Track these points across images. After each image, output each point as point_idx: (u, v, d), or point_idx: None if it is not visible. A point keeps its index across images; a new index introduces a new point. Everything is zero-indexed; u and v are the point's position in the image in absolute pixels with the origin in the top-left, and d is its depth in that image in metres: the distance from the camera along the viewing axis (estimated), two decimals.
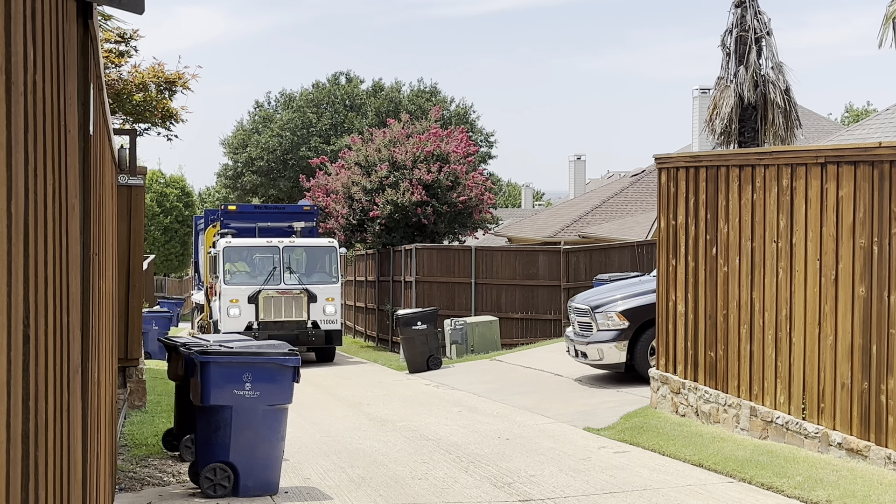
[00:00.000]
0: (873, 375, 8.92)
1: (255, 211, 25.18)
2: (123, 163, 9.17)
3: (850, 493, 7.76)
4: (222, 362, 8.07)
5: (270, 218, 24.57)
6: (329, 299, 22.14)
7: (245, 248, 22.54)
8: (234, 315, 21.40)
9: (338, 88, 61.05)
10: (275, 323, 21.54)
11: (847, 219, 9.29)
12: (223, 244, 22.12)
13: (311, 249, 22.92)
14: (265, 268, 22.29)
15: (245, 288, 21.70)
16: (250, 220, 24.26)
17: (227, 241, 22.20)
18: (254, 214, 24.78)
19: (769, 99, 22.61)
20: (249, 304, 21.59)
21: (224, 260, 21.90)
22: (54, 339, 2.84)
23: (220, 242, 22.34)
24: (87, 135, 3.98)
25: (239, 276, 22.22)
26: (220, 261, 21.89)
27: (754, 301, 10.59)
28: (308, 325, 21.88)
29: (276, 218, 24.63)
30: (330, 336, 22.21)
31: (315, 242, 23.23)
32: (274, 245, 22.24)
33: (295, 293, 21.79)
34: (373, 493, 8.36)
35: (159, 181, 44.95)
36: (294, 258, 22.50)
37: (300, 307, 21.78)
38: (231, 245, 22.17)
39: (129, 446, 10.01)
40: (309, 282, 22.16)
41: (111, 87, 14.19)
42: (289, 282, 22.00)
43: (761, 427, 10.43)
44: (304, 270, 22.50)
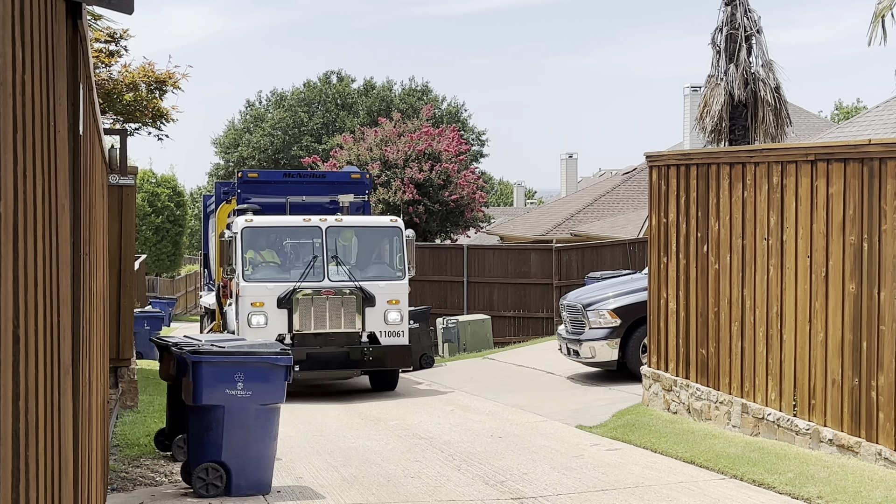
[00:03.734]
0: (864, 372, 8.95)
1: (284, 180, 17.85)
2: (114, 163, 9.16)
3: (841, 489, 7.79)
4: (214, 362, 8.06)
5: (305, 189, 17.23)
6: (392, 302, 15.20)
7: (272, 230, 15.68)
8: (257, 324, 14.70)
9: (329, 87, 60.99)
10: (316, 336, 14.87)
11: (837, 216, 9.32)
12: (241, 224, 15.13)
13: (367, 232, 16.02)
14: (301, 258, 15.56)
15: (273, 286, 14.84)
16: (277, 193, 16.96)
17: (246, 220, 15.23)
18: (283, 185, 17.42)
19: (759, 97, 22.66)
20: (280, 310, 14.77)
21: (243, 246, 14.98)
22: (45, 340, 2.84)
23: (237, 222, 15.31)
24: (76, 135, 3.98)
25: (264, 269, 15.33)
26: (237, 248, 14.95)
27: (745, 298, 10.61)
28: (362, 340, 15.06)
29: (313, 189, 17.30)
30: (393, 354, 15.14)
31: (372, 222, 16.43)
32: (314, 225, 15.30)
33: (345, 293, 14.93)
34: (365, 492, 8.37)
35: (150, 181, 44.88)
36: (342, 244, 15.58)
37: (351, 313, 14.96)
38: (252, 225, 15.18)
39: (121, 446, 9.99)
40: (364, 277, 15.26)
41: (101, 87, 14.16)
42: (335, 277, 15.08)
43: (753, 424, 10.45)
44: (357, 261, 15.66)
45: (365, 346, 15.01)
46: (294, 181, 17.72)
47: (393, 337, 15.25)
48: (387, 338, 15.17)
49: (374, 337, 15.15)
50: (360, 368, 15.24)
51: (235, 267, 15.04)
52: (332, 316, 14.92)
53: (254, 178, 17.57)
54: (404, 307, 15.42)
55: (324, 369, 14.96)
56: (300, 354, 14.26)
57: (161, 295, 41.08)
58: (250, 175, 17.50)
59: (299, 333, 14.84)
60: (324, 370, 15.00)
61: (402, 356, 15.27)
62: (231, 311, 15.81)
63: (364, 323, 15.07)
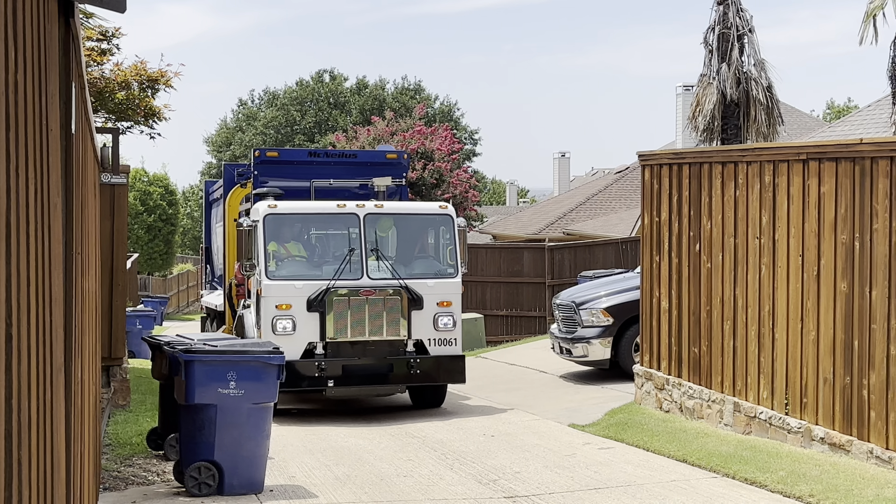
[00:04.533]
0: (855, 370, 8.98)
1: (308, 160, 15.09)
2: (106, 161, 9.14)
3: (832, 487, 7.81)
4: (207, 361, 8.06)
5: (333, 171, 14.66)
6: (443, 304, 12.92)
7: (301, 218, 13.29)
8: (283, 330, 12.35)
9: (322, 86, 60.95)
10: (353, 345, 12.55)
11: (829, 215, 9.34)
12: (264, 210, 12.75)
13: (413, 220, 13.63)
14: (333, 251, 13.27)
15: (303, 285, 12.51)
16: (300, 175, 14.45)
17: (270, 206, 12.81)
18: (306, 166, 14.76)
19: (751, 96, 22.70)
20: (310, 313, 12.45)
21: (266, 237, 12.64)
22: (37, 338, 2.84)
23: (258, 208, 12.97)
24: (69, 133, 3.97)
25: (291, 264, 12.99)
26: (258, 239, 12.63)
27: (737, 297, 10.64)
28: (408, 349, 12.74)
29: (341, 171, 14.76)
30: (444, 366, 12.84)
31: (419, 208, 14.39)
32: (350, 213, 12.89)
33: (388, 293, 12.63)
34: (358, 491, 8.37)
35: (142, 179, 44.79)
36: (382, 235, 13.24)
37: (396, 317, 12.63)
38: (277, 212, 12.78)
39: (113, 445, 9.98)
40: (409, 274, 12.94)
41: (93, 86, 14.14)
42: (376, 274, 12.75)
43: (745, 422, 10.48)
44: (399, 256, 13.31)
45: (411, 356, 12.60)
46: (320, 161, 14.90)
47: (444, 346, 12.83)
48: (437, 346, 12.78)
49: (422, 345, 12.73)
50: (406, 384, 12.83)
51: (256, 261, 12.55)
52: (373, 321, 12.52)
53: (273, 157, 14.84)
54: (457, 310, 12.97)
55: (362, 385, 12.58)
56: (334, 368, 12.33)
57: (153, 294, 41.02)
58: (269, 154, 14.81)
59: (333, 342, 12.42)
60: (362, 386, 12.63)
61: (455, 369, 12.85)
62: (249, 314, 13.22)
63: (410, 329, 12.65)
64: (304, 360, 12.34)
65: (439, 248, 13.54)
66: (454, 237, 13.23)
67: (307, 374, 12.26)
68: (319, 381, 12.28)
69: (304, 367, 12.31)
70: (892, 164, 8.57)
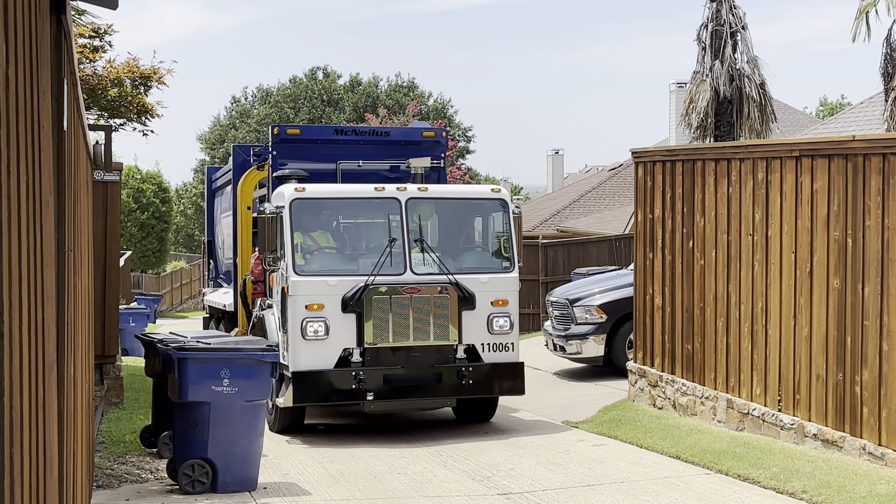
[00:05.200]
0: (848, 367, 9.00)
1: (334, 138, 13.18)
2: (99, 159, 9.12)
3: (825, 483, 7.83)
4: (200, 358, 8.05)
5: (362, 151, 12.88)
6: (499, 303, 11.24)
7: (332, 204, 11.48)
8: (315, 334, 10.62)
9: (315, 83, 60.91)
10: (395, 352, 10.81)
11: (822, 212, 9.36)
12: (291, 194, 10.99)
13: (462, 206, 11.87)
14: (367, 242, 11.60)
15: (336, 282, 10.77)
16: (325, 157, 12.65)
17: (297, 189, 11.07)
18: (332, 145, 12.97)
19: (744, 93, 22.74)
20: (346, 314, 10.71)
21: (293, 225, 10.90)
22: (29, 336, 2.83)
23: (283, 191, 11.15)
24: (61, 130, 3.96)
25: (320, 258, 11.22)
26: (284, 227, 10.92)
27: (730, 294, 10.65)
28: (458, 356, 11.01)
29: (372, 151, 12.95)
30: (500, 376, 11.18)
31: (469, 192, 12.55)
32: (390, 197, 11.18)
33: (436, 291, 10.90)
34: (352, 488, 8.37)
35: (135, 177, 44.71)
36: (426, 223, 11.51)
37: (444, 319, 10.92)
38: (305, 196, 11.04)
39: (106, 443, 9.96)
40: (459, 268, 11.21)
41: (86, 83, 14.11)
42: (421, 269, 11.02)
43: (738, 419, 10.50)
44: (444, 247, 11.52)
45: (462, 364, 10.89)
46: (347, 140, 13.04)
47: (500, 351, 11.14)
48: (491, 352, 11.09)
49: (474, 351, 11.03)
50: (456, 396, 11.00)
51: (282, 254, 10.85)
52: (418, 323, 10.79)
53: (294, 135, 12.82)
54: (514, 310, 11.29)
55: (406, 398, 10.86)
56: (374, 379, 10.60)
57: (146, 291, 40.96)
58: (290, 132, 12.81)
59: (372, 348, 10.67)
60: (406, 399, 10.89)
61: (512, 379, 11.15)
62: (271, 316, 11.55)
63: (461, 332, 10.92)
64: (339, 370, 10.55)
65: (491, 237, 11.76)
66: (509, 225, 11.47)
67: (343, 386, 10.54)
68: (357, 394, 10.53)
69: (338, 379, 10.53)
70: (885, 160, 8.59)
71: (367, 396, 10.55)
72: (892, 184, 8.49)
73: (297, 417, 11.16)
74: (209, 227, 17.62)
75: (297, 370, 10.56)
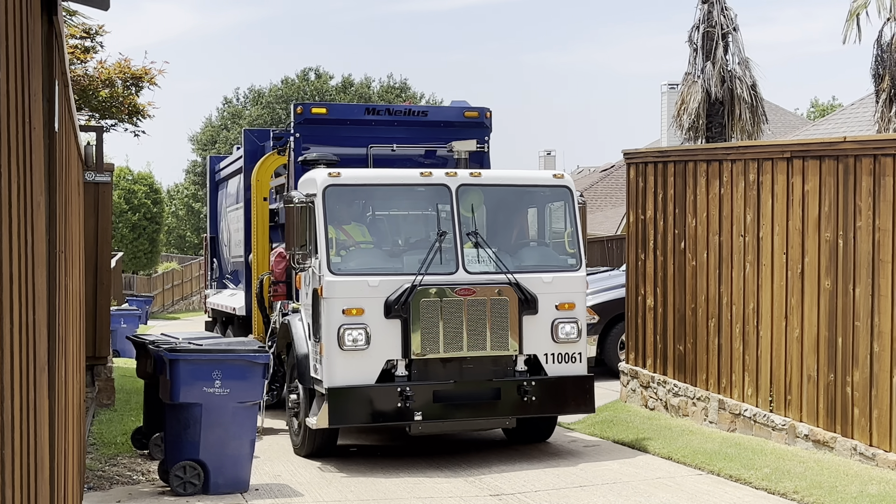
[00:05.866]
0: (839, 368, 9.02)
1: (365, 119, 11.60)
2: (90, 160, 9.10)
3: (816, 484, 7.85)
4: (191, 360, 8.03)
5: (397, 133, 11.49)
6: (565, 306, 9.73)
7: (371, 191, 10.06)
8: (354, 344, 9.17)
9: (307, 84, 60.90)
10: (446, 364, 9.40)
11: (813, 213, 9.38)
12: (324, 180, 9.53)
13: (517, 194, 10.38)
14: (408, 235, 10.27)
15: (379, 282, 9.34)
16: (354, 140, 11.31)
17: (331, 175, 9.58)
18: (363, 126, 11.48)
19: (736, 94, 22.79)
20: (389, 320, 9.29)
21: (326, 216, 9.47)
22: (20, 338, 2.83)
23: (314, 178, 9.72)
24: (52, 132, 3.95)
25: (358, 254, 9.83)
26: (318, 218, 9.48)
27: (722, 295, 10.67)
28: (518, 367, 9.59)
29: (407, 134, 11.55)
30: (566, 391, 9.78)
31: (526, 178, 10.40)
32: (439, 183, 9.75)
33: (493, 293, 9.46)
34: (344, 490, 8.36)
35: (127, 178, 44.62)
36: (479, 215, 10.01)
37: (503, 325, 9.45)
38: (340, 183, 9.59)
39: (97, 445, 9.94)
40: (518, 266, 9.79)
41: (77, 83, 14.08)
42: (475, 267, 9.59)
43: (729, 420, 10.52)
44: (499, 241, 10.03)
45: (524, 378, 9.47)
46: (380, 121, 11.55)
47: (566, 363, 9.68)
48: (556, 364, 9.64)
49: (536, 363, 9.61)
50: (516, 415, 9.57)
51: (313, 250, 9.49)
52: (473, 330, 9.35)
53: (320, 115, 11.37)
54: (582, 314, 9.80)
55: (459, 418, 9.45)
56: (422, 396, 9.18)
57: (138, 293, 40.89)
58: (315, 111, 11.36)
59: (420, 359, 9.26)
60: (458, 420, 9.49)
61: (580, 394, 9.75)
62: (297, 322, 10.06)
63: (522, 340, 9.49)
64: (382, 386, 9.16)
65: (552, 230, 10.40)
66: (574, 216, 10.02)
67: (386, 405, 9.10)
68: (402, 413, 9.11)
69: (381, 396, 9.11)
70: (876, 162, 8.61)
71: (415, 416, 9.13)
72: (883, 185, 8.52)
73: (329, 440, 9.68)
74: (212, 222, 16.08)
75: (332, 386, 9.08)
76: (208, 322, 16.32)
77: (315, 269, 9.47)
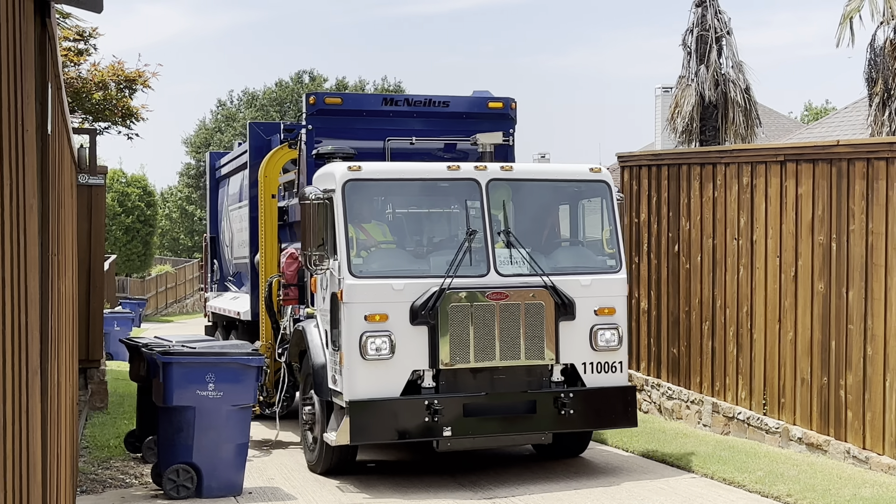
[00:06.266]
0: (832, 371, 9.03)
1: (383, 109, 10.85)
2: (83, 162, 9.09)
3: (810, 487, 7.86)
4: (185, 363, 8.02)
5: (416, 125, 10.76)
6: (604, 311, 9.08)
7: (394, 186, 9.36)
8: (377, 353, 8.52)
9: (301, 87, 60.88)
10: (477, 374, 8.74)
11: (806, 216, 9.40)
12: (343, 174, 8.86)
13: (552, 189, 9.67)
14: (431, 234, 9.68)
15: (403, 285, 8.69)
16: (370, 132, 10.61)
17: (350, 169, 8.89)
18: (380, 118, 10.76)
19: (730, 97, 22.84)
20: (416, 327, 8.63)
21: (346, 214, 8.79)
22: (12, 341, 2.82)
23: (333, 172, 8.98)
24: (45, 134, 3.94)
25: (380, 255, 9.15)
26: (337, 215, 8.80)
27: (716, 298, 10.68)
28: (554, 378, 8.94)
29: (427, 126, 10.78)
30: (607, 404, 9.07)
31: (562, 172, 9.65)
32: (467, 177, 9.10)
33: (528, 297, 8.82)
34: (337, 493, 8.35)
35: (120, 180, 44.55)
36: (510, 212, 9.39)
37: (538, 332, 8.81)
38: (362, 176, 8.92)
39: (90, 448, 9.91)
40: (554, 268, 9.12)
41: (70, 86, 14.06)
42: (508, 269, 8.96)
43: (723, 423, 10.53)
44: (531, 241, 9.29)
45: (561, 389, 8.81)
46: (398, 112, 10.73)
47: (605, 372, 9.01)
48: (595, 374, 8.97)
49: (574, 372, 8.97)
50: (553, 430, 8.89)
51: (331, 250, 8.79)
52: (506, 337, 8.68)
53: (335, 105, 10.57)
54: (622, 320, 9.15)
55: (490, 434, 8.76)
56: (452, 409, 8.52)
57: (131, 295, 40.82)
58: (329, 101, 10.55)
59: (448, 369, 8.60)
60: (490, 436, 8.78)
61: (621, 407, 9.03)
62: (313, 329, 9.38)
63: (558, 349, 8.83)
64: (408, 399, 8.51)
65: (589, 228, 9.74)
66: (612, 213, 9.40)
67: (412, 419, 8.46)
68: (430, 429, 8.47)
69: (407, 410, 8.46)
70: (869, 165, 8.63)
71: (444, 432, 8.47)
72: (876, 188, 8.54)
73: (348, 456, 8.95)
74: (212, 221, 15.12)
75: (354, 399, 8.40)
76: (208, 326, 15.58)
77: (334, 271, 8.76)
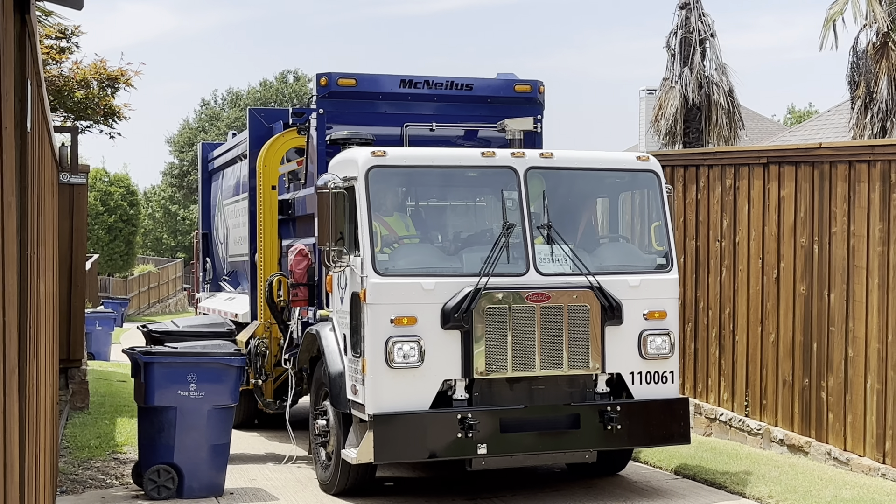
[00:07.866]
0: (814, 372, 9.07)
1: (400, 92, 9.77)
2: (65, 161, 9.03)
3: (791, 488, 7.88)
4: (166, 362, 7.98)
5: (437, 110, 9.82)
6: (654, 315, 8.15)
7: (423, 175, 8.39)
8: (404, 360, 7.53)
9: (286, 87, 60.79)
10: (514, 384, 7.81)
11: (788, 218, 9.43)
12: (366, 160, 7.87)
13: (595, 179, 8.76)
14: (459, 229, 8.70)
15: (434, 285, 7.69)
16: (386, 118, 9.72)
17: (374, 155, 7.89)
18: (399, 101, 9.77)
19: (713, 100, 22.92)
20: (447, 332, 7.62)
21: (370, 205, 7.80)
22: None
23: (355, 158, 8.01)
24: (24, 132, 3.91)
25: (406, 251, 8.22)
26: (359, 206, 7.82)
27: (698, 299, 10.71)
28: (599, 389, 8.00)
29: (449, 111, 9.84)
30: (657, 418, 8.13)
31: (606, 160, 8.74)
32: (503, 165, 8.10)
33: (571, 298, 7.86)
34: (318, 493, 8.32)
35: (103, 179, 44.32)
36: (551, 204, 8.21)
37: (583, 338, 7.87)
38: (387, 163, 7.94)
39: (71, 448, 9.86)
40: (599, 267, 8.12)
41: (52, 84, 13.98)
42: (549, 268, 7.94)
43: (705, 424, 10.55)
44: (573, 236, 8.35)
45: (607, 402, 7.89)
46: (418, 95, 9.74)
47: (656, 383, 8.09)
48: (644, 384, 8.05)
49: (621, 383, 8.05)
50: (598, 448, 7.94)
51: (355, 245, 7.84)
52: (547, 344, 7.76)
53: (348, 86, 9.52)
54: (674, 325, 8.26)
55: (530, 451, 7.84)
56: (488, 424, 7.58)
57: (114, 295, 40.65)
58: (342, 82, 9.48)
59: (483, 379, 7.68)
60: (529, 454, 7.89)
61: (673, 421, 8.12)
62: (329, 333, 8.40)
63: (604, 357, 7.90)
64: (439, 412, 7.57)
65: (636, 223, 8.95)
66: (662, 207, 8.43)
67: (444, 436, 7.53)
68: (463, 446, 7.52)
69: (438, 425, 7.53)
70: (851, 168, 8.67)
71: (479, 449, 7.54)
72: (858, 191, 8.58)
73: (367, 474, 8.09)
74: (204, 217, 14.08)
75: (379, 412, 7.45)
76: None
77: (355, 268, 7.80)
